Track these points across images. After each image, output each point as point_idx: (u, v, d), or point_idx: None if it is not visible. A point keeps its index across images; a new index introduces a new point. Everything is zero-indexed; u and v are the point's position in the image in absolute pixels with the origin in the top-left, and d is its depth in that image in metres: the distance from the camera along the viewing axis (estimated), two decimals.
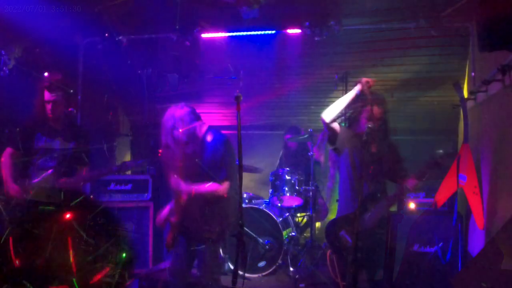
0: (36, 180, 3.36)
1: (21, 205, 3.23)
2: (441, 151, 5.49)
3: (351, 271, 2.67)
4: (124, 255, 1.04)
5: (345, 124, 3.56)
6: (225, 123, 6.80)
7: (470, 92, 4.40)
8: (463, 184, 4.01)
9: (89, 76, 5.84)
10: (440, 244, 4.25)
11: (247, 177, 6.13)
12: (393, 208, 3.62)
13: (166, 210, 2.94)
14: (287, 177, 5.05)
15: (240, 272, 2.89)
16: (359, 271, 3.07)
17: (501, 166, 3.50)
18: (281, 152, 5.88)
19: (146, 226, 4.66)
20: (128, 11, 5.38)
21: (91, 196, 3.79)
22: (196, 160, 2.85)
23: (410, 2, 4.97)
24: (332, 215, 5.49)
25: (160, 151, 6.82)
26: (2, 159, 3.44)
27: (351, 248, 3.07)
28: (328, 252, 4.38)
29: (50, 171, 3.28)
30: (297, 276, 4.49)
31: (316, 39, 5.32)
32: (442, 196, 4.20)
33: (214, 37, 5.74)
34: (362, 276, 3.19)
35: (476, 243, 4.09)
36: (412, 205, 4.56)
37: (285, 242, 4.70)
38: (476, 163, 4.13)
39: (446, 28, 4.85)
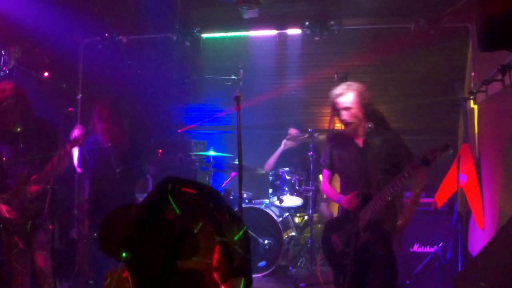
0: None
1: (13, 223, 3.18)
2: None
3: (350, 271, 2.59)
4: None
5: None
6: (225, 123, 6.80)
7: (470, 92, 4.40)
8: (463, 184, 4.01)
9: (89, 76, 5.84)
10: (440, 244, 4.26)
11: (247, 177, 6.12)
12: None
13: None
14: (287, 177, 5.04)
15: None
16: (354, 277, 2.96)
17: (501, 166, 3.50)
18: (279, 150, 5.86)
19: None
20: (128, 11, 5.39)
21: None
22: None
23: (410, 2, 4.97)
24: None
25: (160, 151, 6.83)
26: None
27: (341, 253, 2.92)
28: (319, 256, 4.35)
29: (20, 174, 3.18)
30: (297, 276, 4.49)
31: (316, 39, 5.32)
32: (442, 196, 4.21)
33: (214, 37, 5.75)
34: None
35: (476, 243, 4.09)
36: None
37: (285, 242, 4.70)
38: (476, 163, 4.13)
39: (446, 28, 4.85)
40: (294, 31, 5.52)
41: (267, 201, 5.13)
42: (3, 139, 3.27)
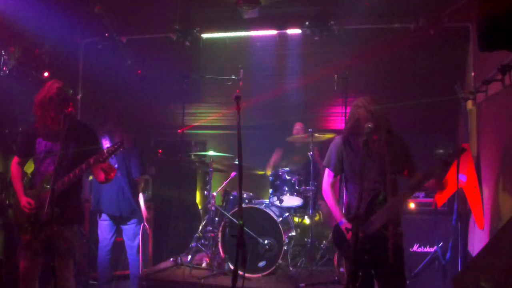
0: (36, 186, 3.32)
1: (32, 216, 3.22)
2: (441, 151, 5.50)
3: (352, 270, 2.62)
4: None
5: None
6: (225, 123, 6.80)
7: (470, 92, 4.41)
8: (463, 184, 4.01)
9: (89, 76, 5.84)
10: (440, 244, 4.26)
11: (247, 177, 6.12)
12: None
13: None
14: (287, 177, 5.04)
15: (240, 272, 2.88)
16: (369, 273, 2.99)
17: (501, 166, 3.50)
18: (281, 150, 5.87)
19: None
20: (128, 11, 5.38)
21: None
22: None
23: (410, 2, 4.97)
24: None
25: (160, 151, 6.82)
26: (12, 170, 3.43)
27: (356, 251, 3.00)
28: (336, 254, 4.35)
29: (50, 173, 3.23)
30: (297, 276, 4.49)
31: (316, 39, 5.32)
32: (442, 196, 4.21)
33: (214, 37, 5.75)
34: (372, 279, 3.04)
35: (476, 243, 4.10)
36: (412, 205, 4.56)
37: (285, 242, 4.70)
38: (476, 163, 4.13)
39: (446, 28, 4.85)
40: (294, 31, 5.52)
41: (267, 201, 5.13)
42: (42, 134, 3.33)
